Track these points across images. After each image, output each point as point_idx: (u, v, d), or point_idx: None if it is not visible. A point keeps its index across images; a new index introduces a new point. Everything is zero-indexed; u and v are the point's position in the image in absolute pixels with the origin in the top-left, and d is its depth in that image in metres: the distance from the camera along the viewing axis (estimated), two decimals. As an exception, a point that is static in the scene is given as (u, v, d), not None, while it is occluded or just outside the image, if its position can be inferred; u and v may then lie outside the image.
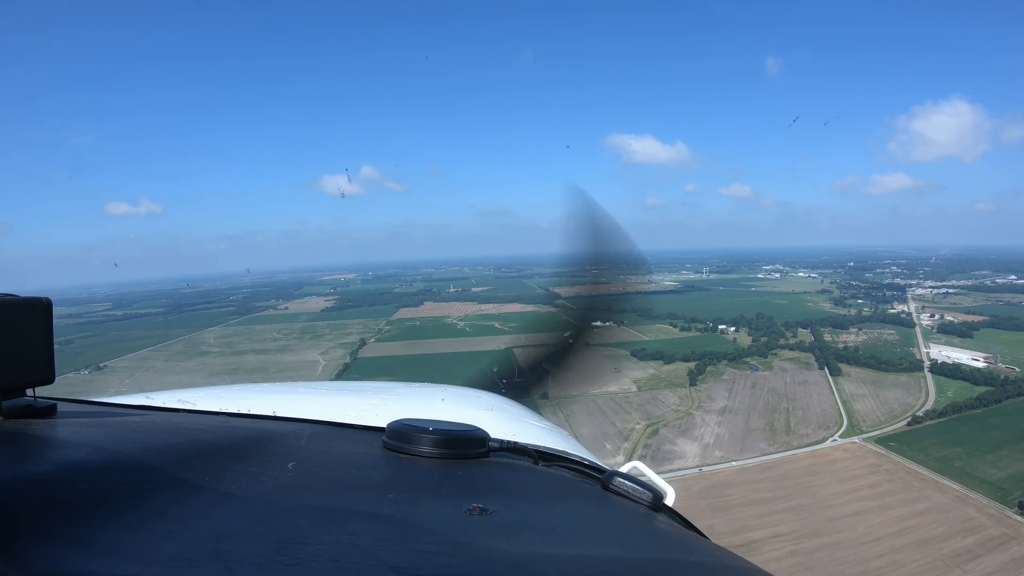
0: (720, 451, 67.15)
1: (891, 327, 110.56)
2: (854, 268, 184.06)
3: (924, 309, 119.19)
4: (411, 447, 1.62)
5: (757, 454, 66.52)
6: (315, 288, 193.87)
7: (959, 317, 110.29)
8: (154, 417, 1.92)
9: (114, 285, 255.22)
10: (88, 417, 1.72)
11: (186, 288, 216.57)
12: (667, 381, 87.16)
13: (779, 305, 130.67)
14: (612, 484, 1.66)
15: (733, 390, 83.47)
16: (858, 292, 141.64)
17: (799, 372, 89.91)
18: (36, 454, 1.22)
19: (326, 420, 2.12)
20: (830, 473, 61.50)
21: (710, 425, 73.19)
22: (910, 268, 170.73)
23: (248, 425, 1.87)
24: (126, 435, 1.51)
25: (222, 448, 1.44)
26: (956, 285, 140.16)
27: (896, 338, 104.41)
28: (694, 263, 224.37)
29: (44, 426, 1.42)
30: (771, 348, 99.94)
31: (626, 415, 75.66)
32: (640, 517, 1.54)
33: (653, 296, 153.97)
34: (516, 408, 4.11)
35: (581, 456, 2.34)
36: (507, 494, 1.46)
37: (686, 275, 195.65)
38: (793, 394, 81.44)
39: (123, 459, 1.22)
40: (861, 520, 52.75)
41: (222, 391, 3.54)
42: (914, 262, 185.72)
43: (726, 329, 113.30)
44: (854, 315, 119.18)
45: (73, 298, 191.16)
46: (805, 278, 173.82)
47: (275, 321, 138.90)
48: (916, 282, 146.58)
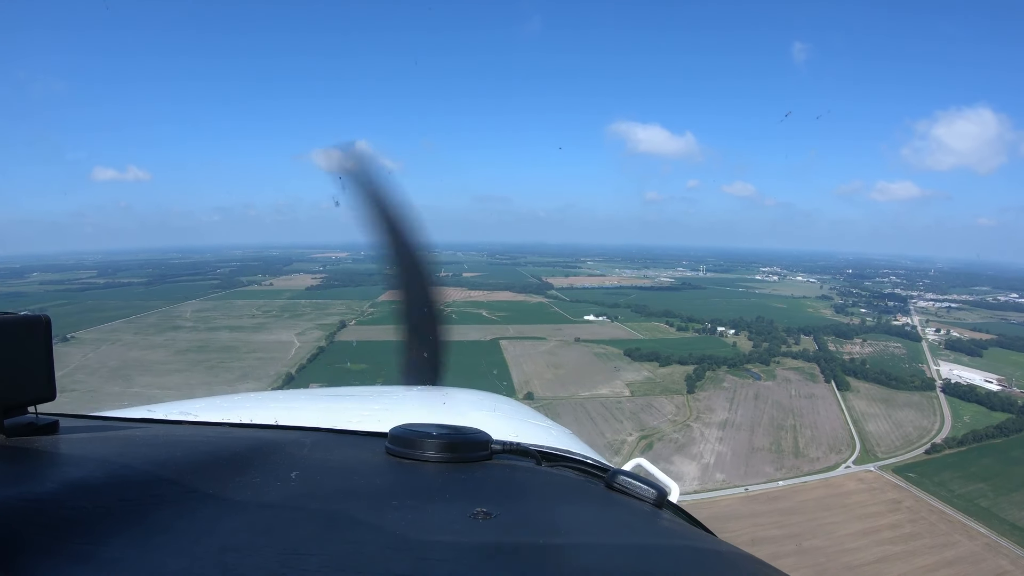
0: (722, 473, 58.60)
1: (896, 340, 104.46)
2: (852, 275, 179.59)
3: (928, 323, 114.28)
4: (414, 452, 1.59)
5: (763, 479, 57.98)
6: (304, 265, 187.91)
7: (965, 334, 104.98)
8: (156, 430, 1.88)
9: (104, 253, 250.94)
10: (90, 432, 1.68)
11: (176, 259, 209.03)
12: (663, 386, 78.77)
13: (779, 309, 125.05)
14: (616, 483, 1.61)
15: (734, 401, 74.94)
16: (859, 300, 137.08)
17: (804, 384, 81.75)
18: (40, 472, 1.22)
19: (328, 427, 2.07)
20: (846, 508, 53.01)
21: (710, 441, 64.62)
22: (909, 279, 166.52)
23: (250, 435, 1.84)
24: (129, 450, 1.49)
25: (225, 459, 1.43)
26: (958, 300, 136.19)
27: (903, 352, 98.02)
28: (690, 260, 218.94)
29: (47, 443, 1.41)
30: (773, 355, 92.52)
31: (617, 424, 67.11)
32: (645, 515, 1.52)
33: (649, 292, 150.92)
34: (518, 408, 4.09)
35: (584, 455, 2.34)
36: (511, 496, 1.45)
37: (682, 272, 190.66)
38: (799, 409, 72.99)
39: (126, 474, 1.21)
40: (885, 570, 44.33)
41: (223, 401, 3.34)
42: (913, 273, 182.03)
43: (725, 332, 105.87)
44: (857, 324, 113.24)
45: (60, 264, 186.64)
46: (804, 282, 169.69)
47: (257, 297, 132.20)
48: (917, 294, 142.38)
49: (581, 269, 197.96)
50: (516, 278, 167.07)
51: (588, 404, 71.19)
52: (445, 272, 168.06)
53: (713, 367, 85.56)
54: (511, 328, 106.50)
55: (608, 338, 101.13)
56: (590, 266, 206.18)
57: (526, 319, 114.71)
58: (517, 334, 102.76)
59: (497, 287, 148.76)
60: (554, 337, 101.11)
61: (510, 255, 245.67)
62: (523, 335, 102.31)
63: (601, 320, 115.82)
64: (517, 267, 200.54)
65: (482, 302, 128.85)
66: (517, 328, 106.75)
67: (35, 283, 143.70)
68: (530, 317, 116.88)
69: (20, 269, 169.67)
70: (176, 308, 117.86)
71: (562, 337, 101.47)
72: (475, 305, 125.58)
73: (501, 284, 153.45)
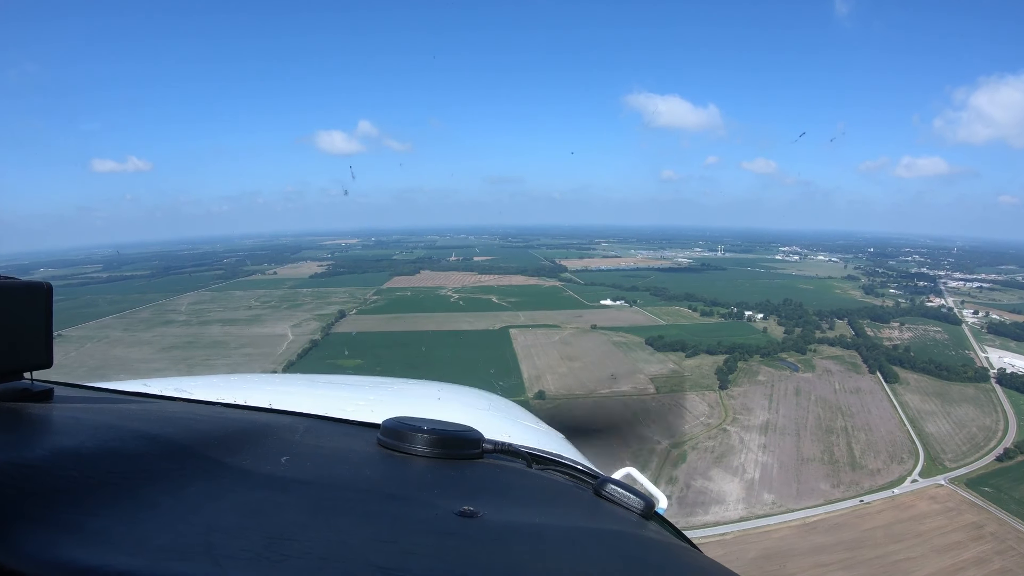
0: (770, 493, 48.04)
1: (935, 323, 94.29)
2: (875, 255, 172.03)
3: (964, 304, 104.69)
4: (405, 445, 1.57)
5: (819, 500, 47.42)
6: (313, 252, 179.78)
7: (1006, 316, 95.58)
8: (150, 405, 1.86)
9: (114, 246, 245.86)
10: (84, 403, 1.68)
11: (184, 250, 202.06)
12: (692, 380, 68.26)
13: (806, 291, 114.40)
14: (604, 490, 1.61)
15: (773, 397, 64.33)
16: (887, 280, 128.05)
17: (847, 376, 70.95)
18: (30, 439, 1.20)
19: (322, 415, 2.06)
20: (921, 537, 42.56)
21: (752, 450, 54.19)
22: (932, 258, 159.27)
23: (243, 417, 1.83)
24: (121, 422, 1.45)
25: (216, 439, 1.41)
26: (987, 279, 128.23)
27: (945, 338, 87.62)
28: (707, 241, 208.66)
29: (40, 410, 1.39)
30: (808, 342, 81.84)
31: (643, 428, 56.60)
32: (630, 524, 1.50)
33: (668, 273, 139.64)
34: (512, 408, 4.10)
35: (575, 460, 2.28)
36: (498, 496, 1.44)
37: (700, 252, 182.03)
38: (848, 407, 62.35)
39: (118, 447, 1.19)
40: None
41: (219, 380, 3.46)
42: (935, 252, 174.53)
43: (753, 316, 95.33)
44: (891, 307, 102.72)
45: (70, 259, 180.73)
46: (825, 262, 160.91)
47: (258, 287, 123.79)
48: (944, 273, 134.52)
49: (596, 251, 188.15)
50: (529, 261, 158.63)
51: (608, 403, 60.95)
52: (456, 256, 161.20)
53: (745, 357, 74.96)
54: (522, 315, 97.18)
55: (627, 325, 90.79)
56: (605, 248, 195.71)
57: (539, 304, 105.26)
58: (529, 321, 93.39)
59: (508, 271, 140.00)
60: (569, 324, 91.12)
61: (523, 238, 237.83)
62: (535, 322, 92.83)
63: (619, 305, 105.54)
64: (530, 249, 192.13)
65: (492, 287, 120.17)
66: (529, 315, 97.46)
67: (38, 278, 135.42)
68: (543, 302, 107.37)
69: (28, 265, 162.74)
70: (173, 301, 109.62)
71: (577, 324, 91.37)
72: (485, 290, 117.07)
73: (513, 267, 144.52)
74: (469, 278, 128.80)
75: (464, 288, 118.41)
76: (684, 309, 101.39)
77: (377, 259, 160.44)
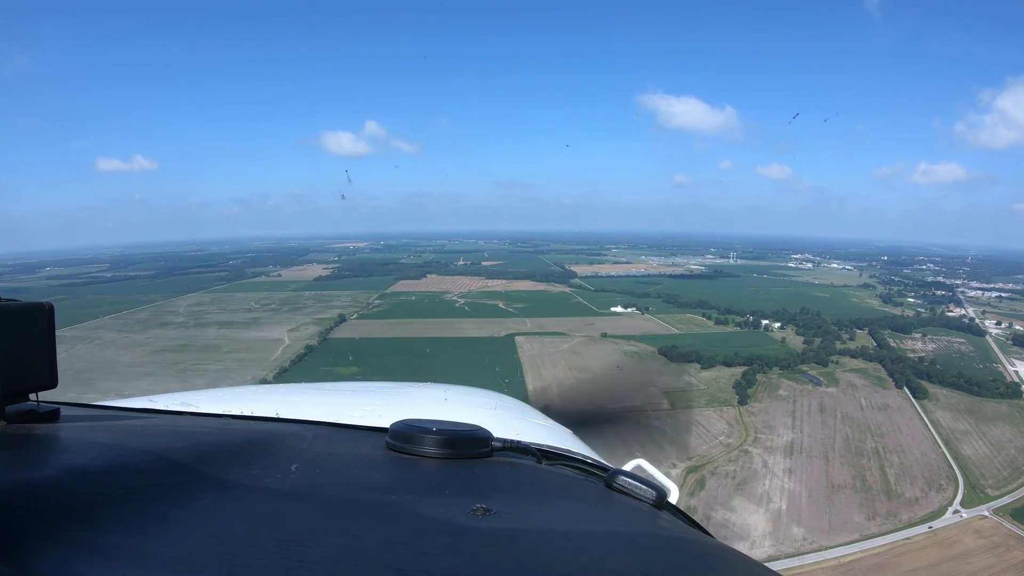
0: (799, 527, 42.98)
1: (958, 334, 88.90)
2: (889, 263, 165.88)
3: (985, 314, 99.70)
4: (414, 447, 1.56)
5: (854, 535, 42.38)
6: (320, 255, 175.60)
7: None
8: (157, 420, 1.88)
9: (122, 247, 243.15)
10: (91, 421, 1.67)
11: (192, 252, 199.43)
12: (708, 395, 63.30)
13: (822, 299, 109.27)
14: (615, 482, 1.60)
15: (796, 415, 59.24)
16: (904, 289, 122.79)
17: (873, 391, 65.78)
18: (39, 459, 1.20)
19: (329, 421, 2.06)
20: (970, 580, 37.15)
21: (777, 475, 49.15)
22: (947, 267, 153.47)
23: (251, 427, 1.83)
24: (129, 439, 1.46)
25: (225, 451, 1.41)
26: (1005, 288, 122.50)
27: (971, 350, 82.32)
28: (718, 247, 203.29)
29: (48, 431, 1.39)
30: (828, 354, 76.71)
31: (657, 449, 51.50)
32: (644, 515, 1.50)
33: (679, 280, 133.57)
34: (521, 407, 4.11)
35: (584, 454, 2.34)
36: (510, 494, 1.44)
37: (712, 259, 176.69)
38: (877, 426, 57.17)
39: (126, 463, 1.20)
40: None
41: (224, 393, 3.47)
42: (949, 260, 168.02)
43: (770, 325, 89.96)
44: (912, 317, 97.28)
45: (76, 259, 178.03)
46: (840, 270, 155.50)
47: (261, 289, 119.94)
48: (961, 282, 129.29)
49: (606, 256, 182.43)
50: (538, 266, 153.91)
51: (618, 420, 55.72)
52: (464, 260, 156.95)
53: (764, 369, 70.22)
54: (529, 322, 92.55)
55: (639, 333, 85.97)
56: (615, 253, 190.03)
57: (547, 311, 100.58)
58: (536, 328, 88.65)
59: (517, 276, 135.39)
60: (578, 332, 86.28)
61: (533, 243, 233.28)
62: (543, 329, 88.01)
63: (630, 312, 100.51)
64: (539, 254, 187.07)
65: (500, 292, 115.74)
66: (536, 322, 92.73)
67: (43, 278, 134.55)
68: (551, 309, 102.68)
69: (34, 264, 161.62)
70: (172, 302, 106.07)
71: (587, 332, 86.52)
72: (492, 295, 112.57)
73: (521, 273, 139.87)
74: (476, 283, 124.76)
75: (471, 293, 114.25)
76: (698, 317, 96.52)
77: (384, 262, 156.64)
